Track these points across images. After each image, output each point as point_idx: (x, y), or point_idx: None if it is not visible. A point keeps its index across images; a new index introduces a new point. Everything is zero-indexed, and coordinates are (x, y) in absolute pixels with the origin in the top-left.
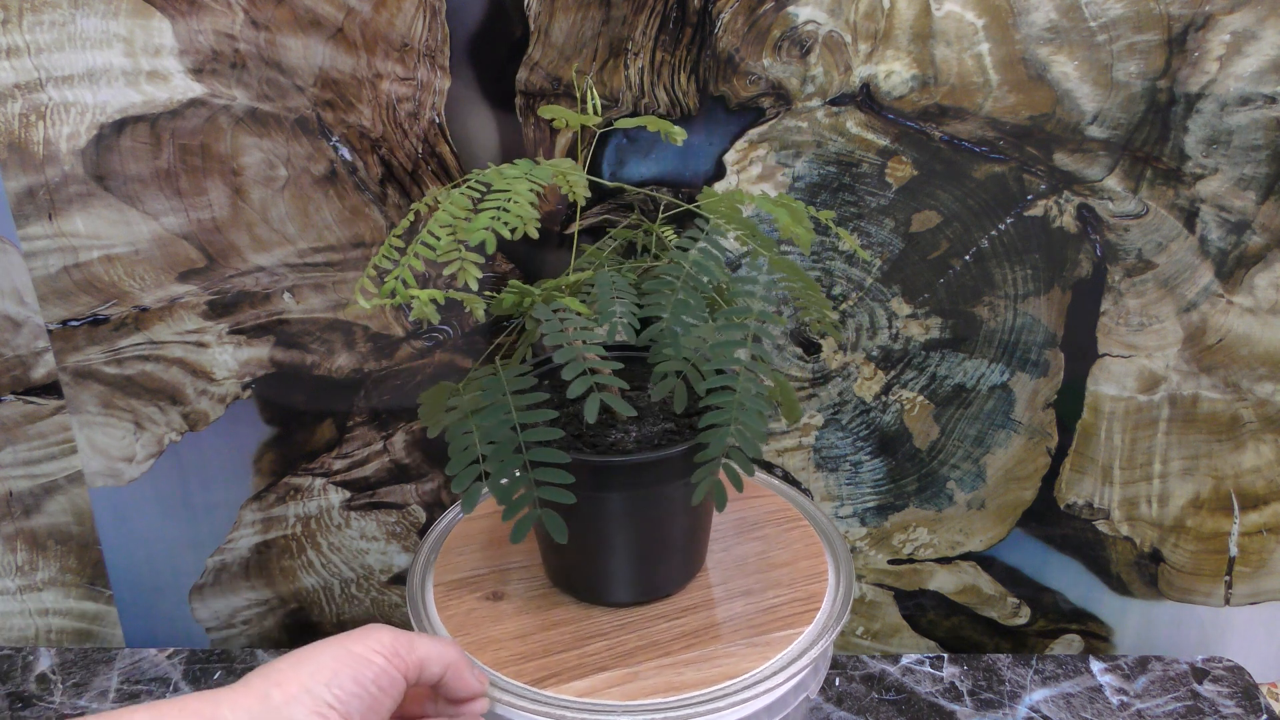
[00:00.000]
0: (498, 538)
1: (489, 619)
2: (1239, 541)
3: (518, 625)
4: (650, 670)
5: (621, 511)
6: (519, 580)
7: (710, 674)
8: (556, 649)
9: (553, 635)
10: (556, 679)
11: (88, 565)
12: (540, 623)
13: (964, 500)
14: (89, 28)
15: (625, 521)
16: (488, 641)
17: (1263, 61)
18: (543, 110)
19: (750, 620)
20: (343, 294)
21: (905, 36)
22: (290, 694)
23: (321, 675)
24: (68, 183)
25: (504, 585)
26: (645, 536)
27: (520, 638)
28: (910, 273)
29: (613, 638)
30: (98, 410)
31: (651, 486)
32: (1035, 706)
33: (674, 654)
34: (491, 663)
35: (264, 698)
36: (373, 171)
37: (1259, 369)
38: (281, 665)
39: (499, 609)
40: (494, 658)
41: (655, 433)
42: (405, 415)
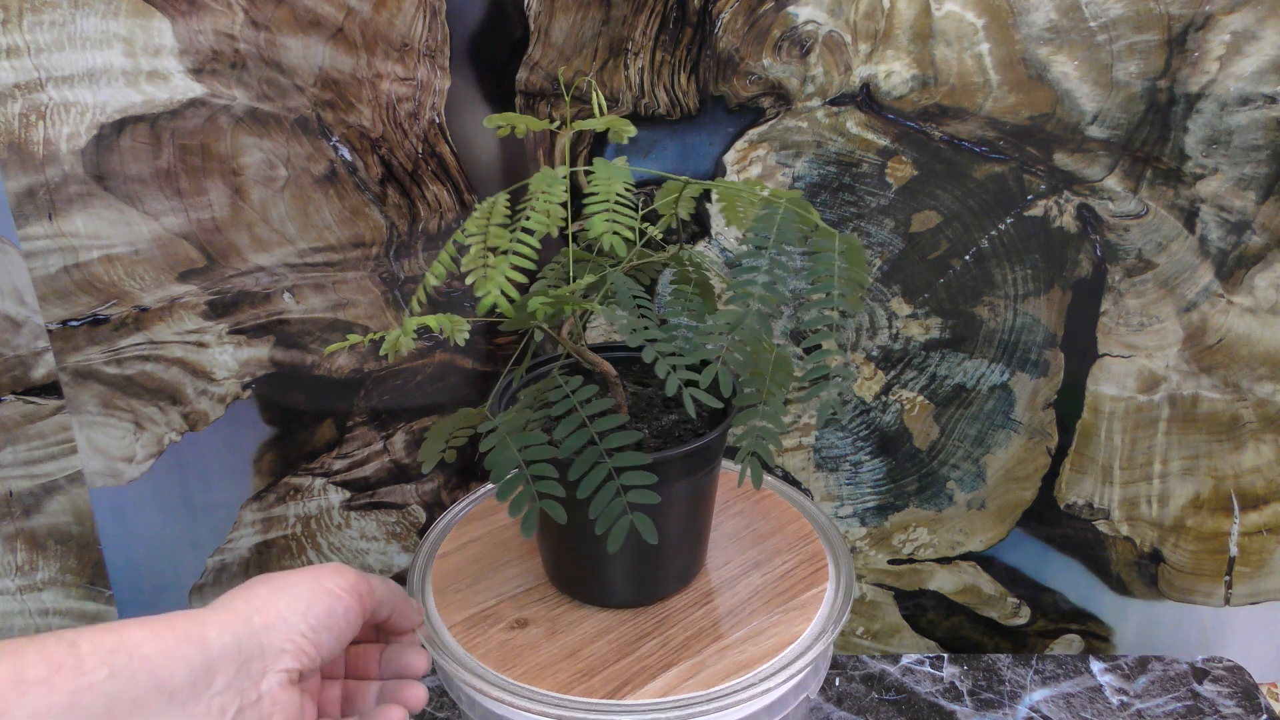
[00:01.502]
0: (480, 555)
1: (527, 647)
2: (1239, 541)
3: (559, 646)
4: (713, 656)
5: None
6: (530, 600)
7: (766, 646)
8: (611, 658)
9: (599, 646)
10: (629, 686)
11: (88, 565)
12: (579, 638)
13: (964, 500)
14: (89, 28)
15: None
16: (540, 670)
17: (1263, 61)
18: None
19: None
20: (343, 294)
21: (905, 36)
22: (269, 620)
23: (298, 605)
24: (68, 183)
25: (520, 610)
26: (669, 532)
27: (570, 657)
28: (910, 273)
29: (657, 635)
30: (98, 410)
31: (673, 483)
32: (1035, 706)
33: (725, 635)
34: (555, 687)
35: (246, 621)
36: (373, 171)
37: (1259, 369)
38: (260, 590)
39: (531, 635)
40: (556, 682)
41: (666, 426)
42: (405, 415)
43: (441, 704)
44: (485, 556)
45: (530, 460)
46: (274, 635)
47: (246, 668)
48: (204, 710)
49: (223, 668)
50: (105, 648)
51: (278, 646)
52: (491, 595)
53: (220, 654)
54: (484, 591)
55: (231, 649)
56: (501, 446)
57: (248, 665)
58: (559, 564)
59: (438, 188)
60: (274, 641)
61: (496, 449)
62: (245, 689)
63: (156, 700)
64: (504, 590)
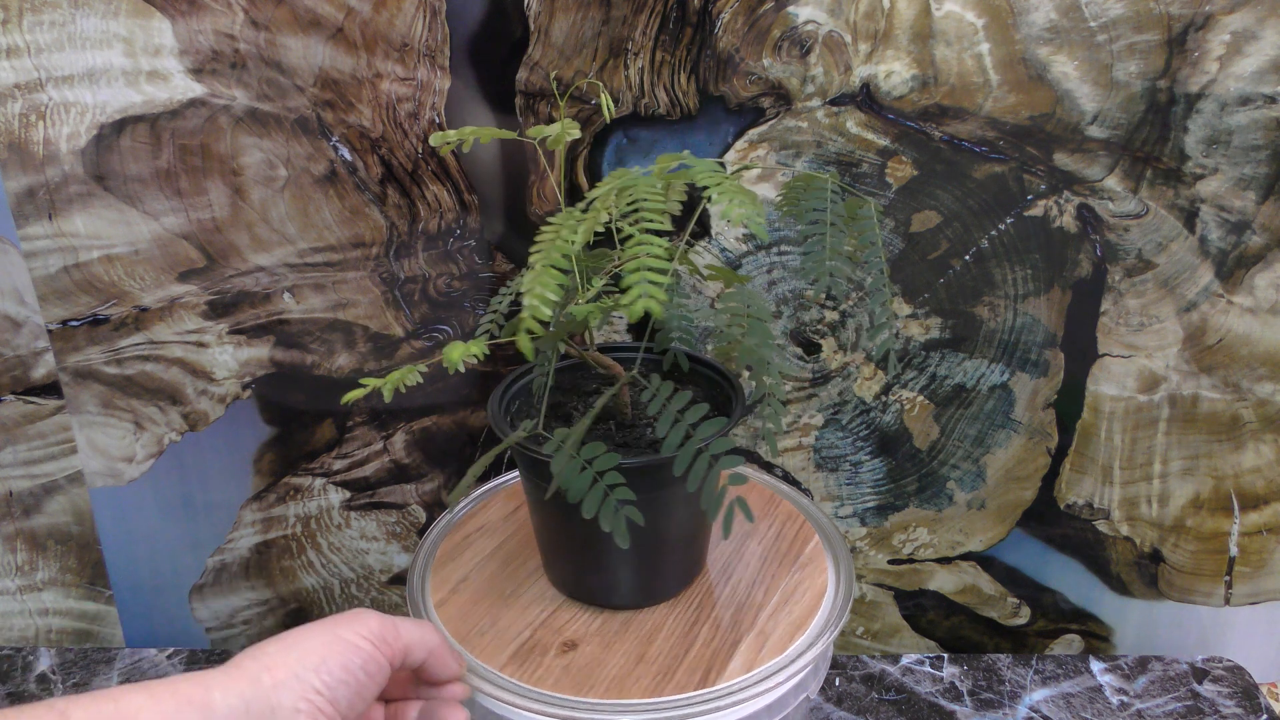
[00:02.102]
0: (479, 591)
1: (594, 664)
2: (1239, 541)
3: (622, 656)
4: (768, 626)
5: (664, 510)
6: (560, 620)
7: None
8: (678, 651)
9: (659, 645)
10: (715, 671)
11: (88, 565)
12: (637, 643)
13: (964, 500)
14: (89, 28)
15: (666, 519)
16: (621, 681)
17: (1263, 61)
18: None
19: (748, 618)
20: (343, 294)
21: (905, 36)
22: (279, 678)
23: (310, 660)
24: (68, 183)
25: (558, 633)
26: (674, 532)
27: (641, 662)
28: (910, 273)
29: (704, 623)
30: (98, 410)
31: (676, 484)
32: (1035, 706)
33: (760, 620)
34: (647, 693)
35: (254, 681)
36: (373, 171)
37: (1259, 369)
38: (270, 649)
39: (587, 654)
40: (645, 688)
41: None
42: (405, 415)
43: None
44: (484, 590)
45: (601, 470)
46: (285, 694)
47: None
48: None
49: None
50: (99, 717)
51: (290, 706)
52: (521, 626)
53: (225, 718)
54: (510, 625)
55: (238, 711)
56: (571, 464)
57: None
58: (576, 571)
59: (438, 188)
60: (286, 701)
61: (569, 468)
62: None
63: None
64: (529, 618)
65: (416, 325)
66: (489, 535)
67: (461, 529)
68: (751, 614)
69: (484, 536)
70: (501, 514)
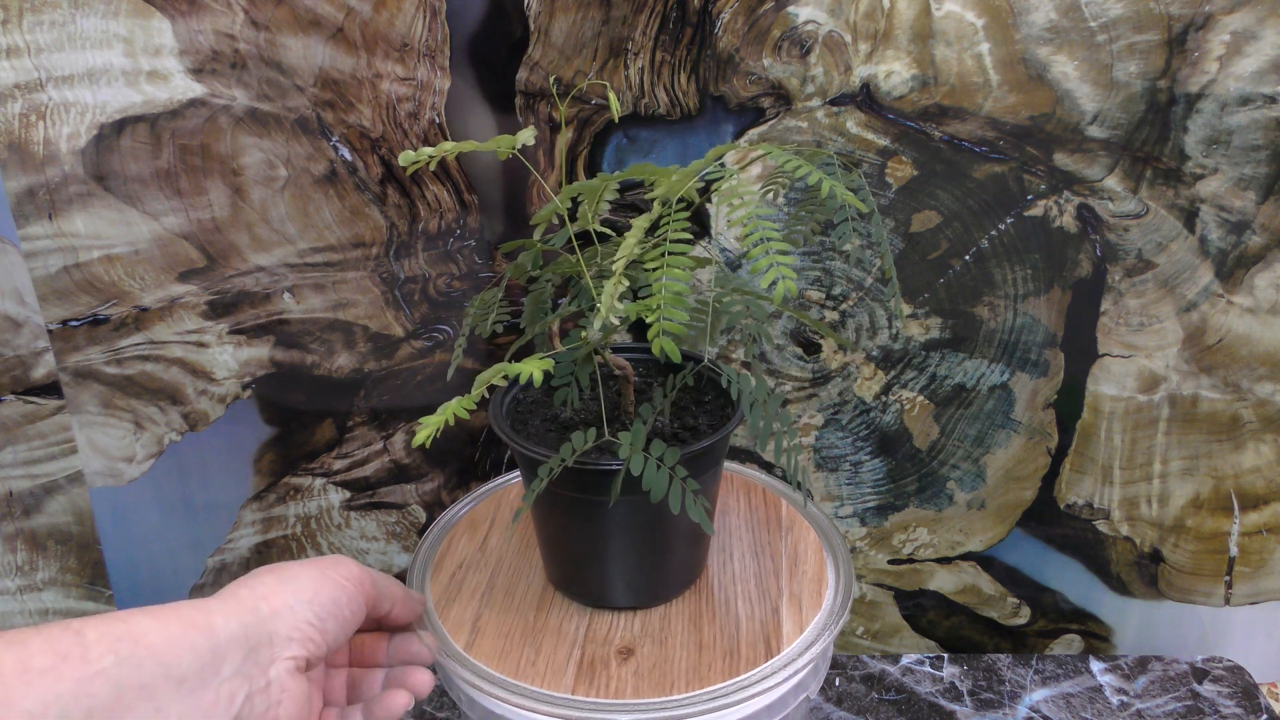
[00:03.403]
0: (508, 620)
1: (662, 664)
2: (1239, 541)
3: (681, 649)
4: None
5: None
6: (599, 627)
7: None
8: (729, 630)
9: (708, 631)
10: (773, 638)
11: (88, 565)
12: (687, 634)
13: (964, 500)
14: (89, 28)
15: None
16: (696, 671)
17: (1263, 61)
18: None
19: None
20: (343, 294)
21: (905, 36)
22: (275, 608)
23: (304, 594)
24: (68, 183)
25: (605, 643)
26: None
27: (702, 649)
28: (910, 273)
29: (736, 601)
30: (98, 410)
31: None
32: (1035, 706)
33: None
34: (725, 675)
35: (253, 609)
36: (373, 171)
37: (1259, 369)
38: (266, 579)
39: (648, 655)
40: (721, 671)
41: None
42: (405, 415)
43: (441, 704)
44: (506, 624)
45: (671, 465)
46: (281, 623)
47: (254, 655)
48: (213, 697)
49: (230, 655)
50: (111, 635)
51: (285, 634)
52: (567, 648)
53: (227, 641)
54: (555, 651)
55: (239, 636)
56: (649, 464)
57: (255, 653)
58: (600, 579)
59: (438, 188)
60: (281, 629)
61: (648, 468)
62: (253, 676)
63: (164, 687)
64: (568, 637)
65: (416, 325)
66: (475, 569)
67: (443, 564)
68: (774, 582)
69: (473, 570)
70: (472, 541)
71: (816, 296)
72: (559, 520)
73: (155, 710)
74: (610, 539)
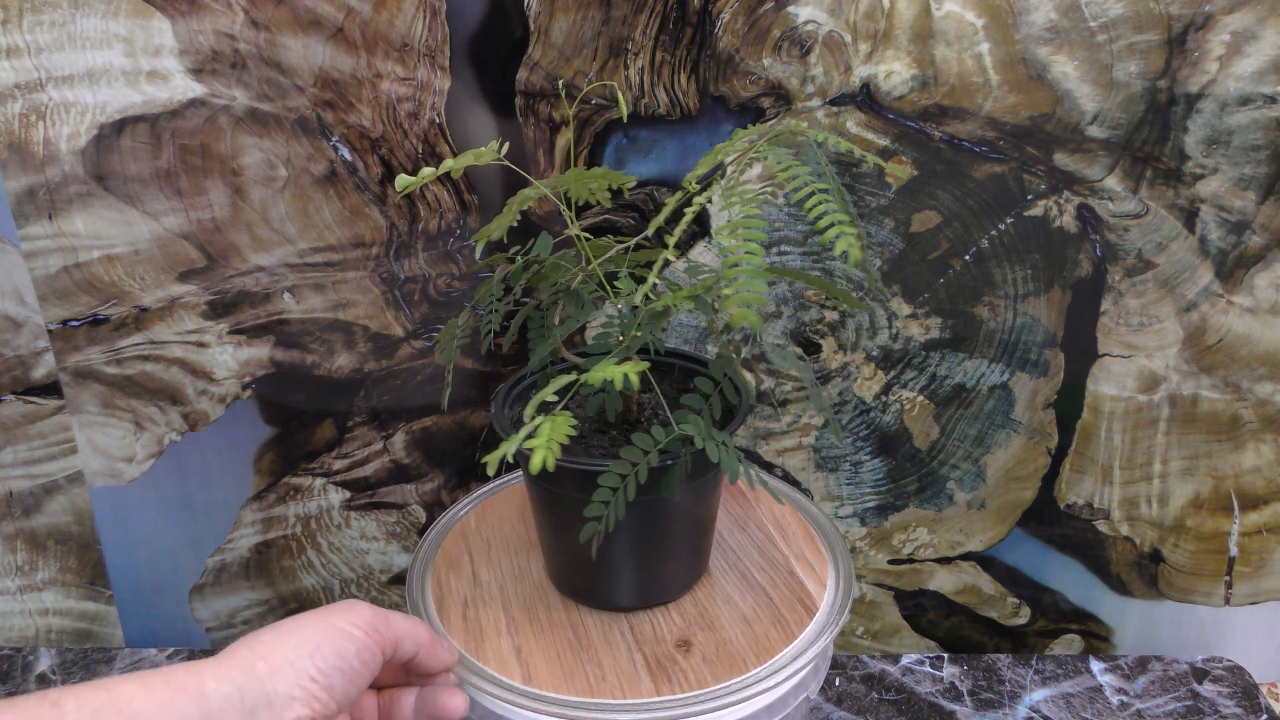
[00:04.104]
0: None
1: (726, 646)
2: (1239, 541)
3: (734, 630)
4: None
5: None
6: (648, 622)
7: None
8: (766, 605)
9: (750, 607)
10: (810, 607)
11: (88, 565)
12: (732, 616)
13: (964, 500)
14: (89, 28)
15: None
16: (760, 645)
17: (1263, 61)
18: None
19: (749, 619)
20: (343, 294)
21: (905, 36)
22: (274, 666)
23: (305, 648)
24: (68, 183)
25: (666, 640)
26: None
27: (751, 624)
28: (910, 273)
29: (756, 586)
30: (98, 410)
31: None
32: (1035, 706)
33: (726, 635)
34: (787, 642)
35: (249, 670)
36: (373, 171)
37: (1259, 369)
38: (265, 637)
39: (707, 642)
40: (780, 639)
41: None
42: (405, 415)
43: None
44: (554, 646)
45: (736, 447)
46: (281, 681)
47: (252, 719)
48: None
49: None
50: (91, 705)
51: (285, 694)
52: (628, 654)
53: (220, 706)
54: (617, 661)
55: (233, 700)
56: (721, 449)
57: (253, 716)
58: (635, 580)
59: (438, 188)
60: (281, 688)
61: (724, 454)
62: None
63: None
64: (622, 643)
65: (416, 325)
66: (483, 604)
67: (447, 608)
68: (778, 552)
69: (482, 606)
70: (460, 578)
71: (816, 296)
72: (619, 535)
73: None
74: (647, 543)
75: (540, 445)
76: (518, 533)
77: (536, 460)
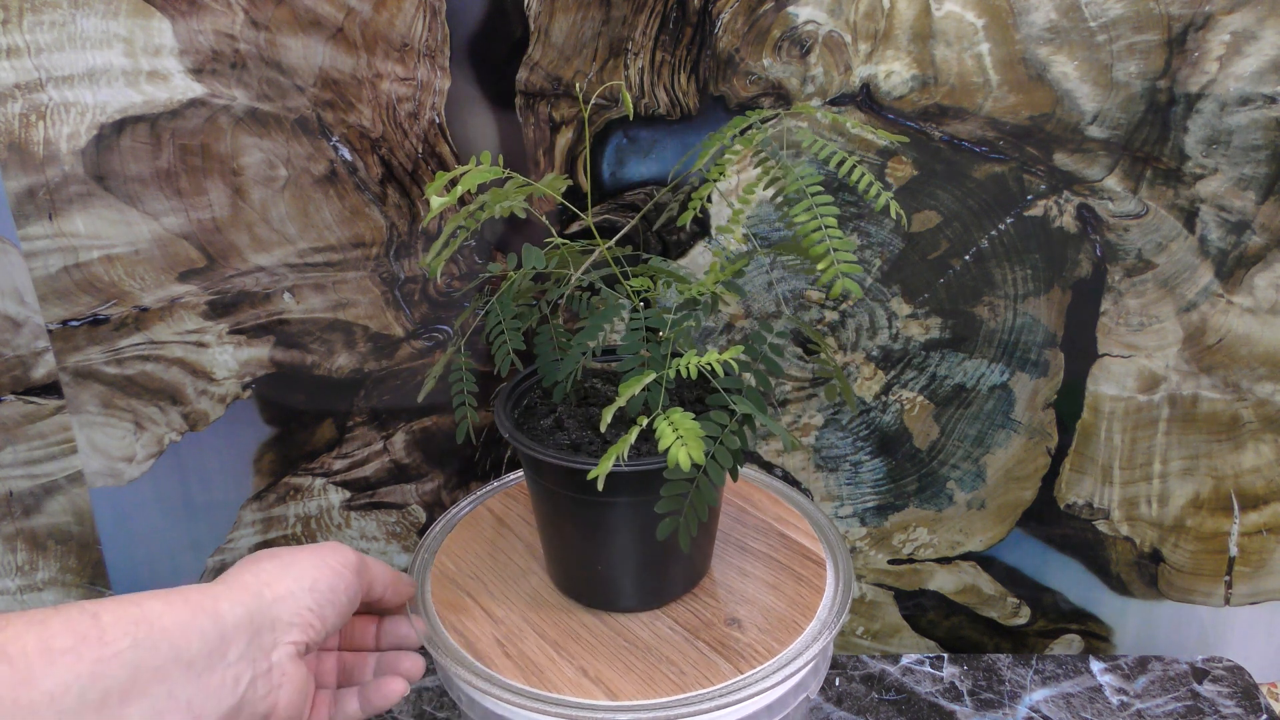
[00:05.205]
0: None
1: (776, 615)
2: (1239, 541)
3: (774, 599)
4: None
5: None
6: (688, 622)
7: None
8: (794, 585)
9: (786, 589)
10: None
11: (88, 565)
12: (770, 596)
13: (964, 500)
14: (89, 28)
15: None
16: (801, 609)
17: (1263, 61)
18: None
19: (749, 619)
20: (343, 294)
21: (905, 36)
22: (278, 594)
23: (305, 581)
24: (68, 183)
25: (709, 626)
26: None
27: (779, 591)
28: (910, 273)
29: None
30: (98, 410)
31: None
32: (1035, 706)
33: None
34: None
35: (257, 595)
36: (373, 171)
37: (1259, 369)
38: (267, 565)
39: (750, 615)
40: (806, 606)
41: None
42: (405, 415)
43: (442, 704)
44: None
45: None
46: (283, 609)
47: (258, 639)
48: (219, 680)
49: (236, 639)
50: (127, 619)
51: (287, 620)
52: (681, 641)
53: (234, 626)
54: (678, 647)
55: (244, 622)
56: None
57: (259, 637)
58: (661, 576)
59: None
60: (283, 615)
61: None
62: (257, 660)
63: (176, 670)
64: (665, 633)
65: (416, 325)
66: (517, 638)
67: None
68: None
69: (518, 640)
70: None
71: (816, 296)
72: (623, 536)
73: (167, 693)
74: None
75: (675, 439)
76: (513, 550)
77: (682, 457)
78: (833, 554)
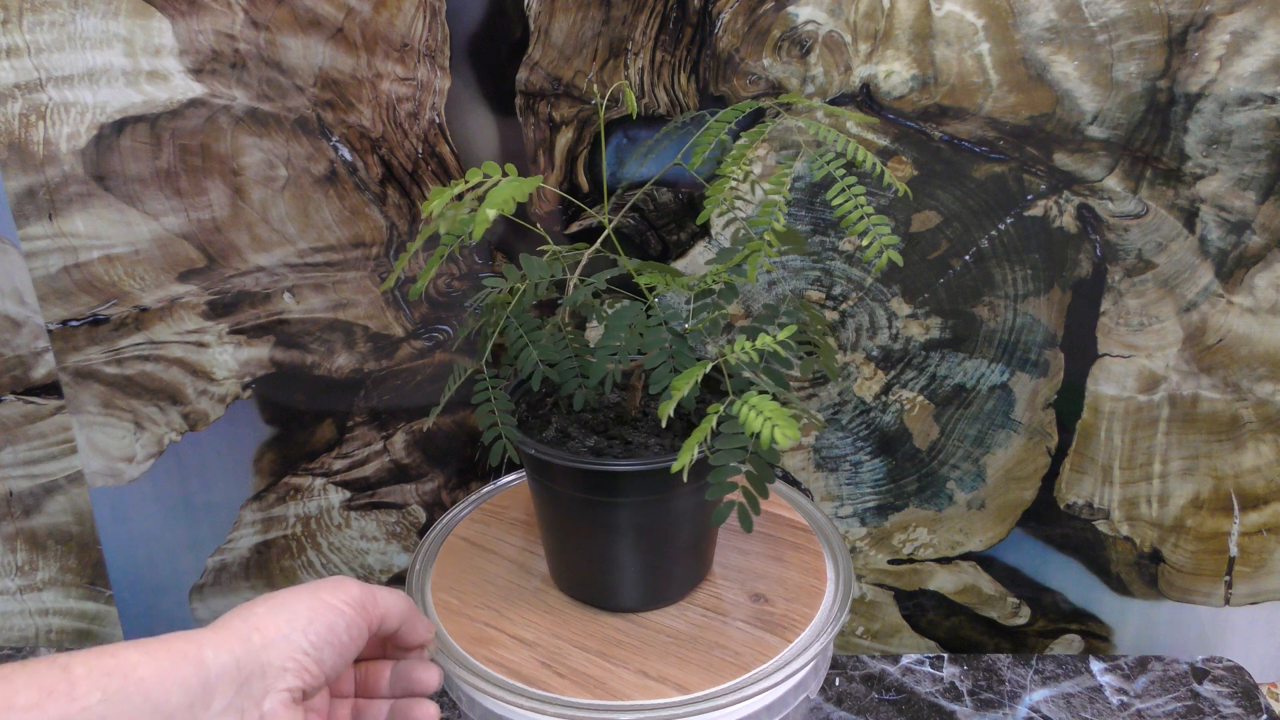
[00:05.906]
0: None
1: (798, 592)
2: (1239, 541)
3: (796, 573)
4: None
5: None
6: (714, 605)
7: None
8: (803, 575)
9: (796, 579)
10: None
11: (88, 565)
12: (781, 573)
13: (964, 500)
14: (89, 28)
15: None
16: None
17: (1263, 61)
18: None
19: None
20: (343, 294)
21: (905, 36)
22: (269, 638)
23: (298, 623)
24: (68, 183)
25: (740, 608)
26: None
27: (798, 567)
28: (910, 273)
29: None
30: (98, 410)
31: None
32: (1035, 706)
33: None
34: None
35: (245, 640)
36: (373, 171)
37: (1259, 369)
38: (259, 610)
39: (774, 591)
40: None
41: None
42: (405, 415)
43: (442, 705)
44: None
45: None
46: (274, 653)
47: (246, 688)
48: None
49: (221, 688)
50: (98, 671)
51: (278, 665)
52: (721, 625)
53: (218, 674)
54: (725, 634)
55: (230, 669)
56: None
57: (248, 685)
58: (678, 570)
59: (438, 188)
60: (274, 660)
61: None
62: (246, 709)
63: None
64: (697, 619)
65: (416, 325)
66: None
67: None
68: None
69: (564, 657)
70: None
71: (816, 296)
72: (648, 535)
73: None
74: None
75: (765, 421)
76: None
77: (778, 436)
78: (832, 554)
